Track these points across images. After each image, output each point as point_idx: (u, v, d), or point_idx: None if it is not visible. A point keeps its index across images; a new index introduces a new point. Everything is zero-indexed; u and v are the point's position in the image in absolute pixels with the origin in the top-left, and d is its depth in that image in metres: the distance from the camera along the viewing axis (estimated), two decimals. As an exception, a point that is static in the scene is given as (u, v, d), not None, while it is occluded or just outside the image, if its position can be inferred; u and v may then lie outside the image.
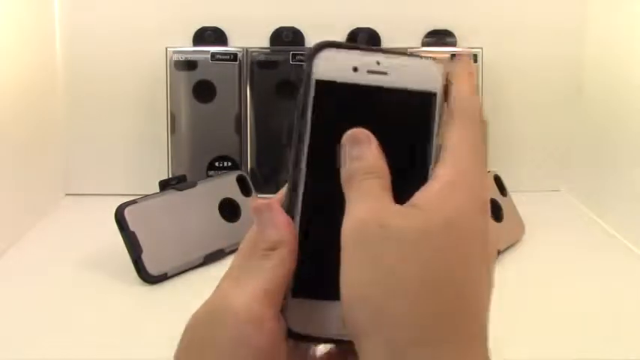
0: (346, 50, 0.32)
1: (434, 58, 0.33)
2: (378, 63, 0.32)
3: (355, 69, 0.32)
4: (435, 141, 0.32)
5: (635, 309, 0.68)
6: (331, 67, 0.32)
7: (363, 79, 0.32)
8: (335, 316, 0.30)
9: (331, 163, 0.31)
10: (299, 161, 0.31)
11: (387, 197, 0.29)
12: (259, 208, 0.31)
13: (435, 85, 0.32)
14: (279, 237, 0.30)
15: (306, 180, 0.31)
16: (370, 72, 0.32)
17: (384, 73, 0.32)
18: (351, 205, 0.29)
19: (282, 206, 0.32)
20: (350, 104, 0.32)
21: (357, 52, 0.32)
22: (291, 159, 0.32)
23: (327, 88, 0.31)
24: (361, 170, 0.30)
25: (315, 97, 0.31)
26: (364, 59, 0.32)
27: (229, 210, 0.82)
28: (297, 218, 0.31)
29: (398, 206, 0.29)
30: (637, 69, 0.84)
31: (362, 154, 0.30)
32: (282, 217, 0.31)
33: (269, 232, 0.30)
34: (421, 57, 0.33)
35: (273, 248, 0.30)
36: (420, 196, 0.29)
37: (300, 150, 0.31)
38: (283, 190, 0.32)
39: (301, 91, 0.32)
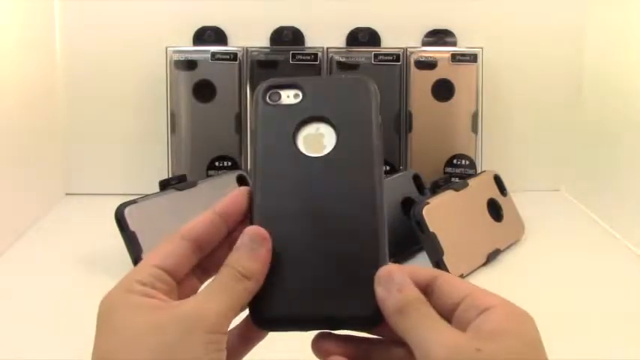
0: None
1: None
2: None
3: None
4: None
5: (635, 309, 0.68)
6: None
7: None
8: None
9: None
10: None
11: (449, 325, 0.32)
12: (256, 236, 0.34)
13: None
14: (256, 271, 0.33)
15: None
16: None
17: None
18: (429, 333, 0.31)
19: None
20: None
21: None
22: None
23: None
24: (412, 299, 0.32)
25: None
26: None
27: (229, 210, 0.82)
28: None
29: (477, 331, 0.31)
30: (636, 70, 0.84)
31: (403, 284, 0.32)
32: (264, 251, 0.33)
33: (250, 263, 0.33)
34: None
35: (247, 277, 0.33)
36: (493, 321, 0.31)
37: None
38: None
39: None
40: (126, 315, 0.31)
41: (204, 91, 0.95)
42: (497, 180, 0.84)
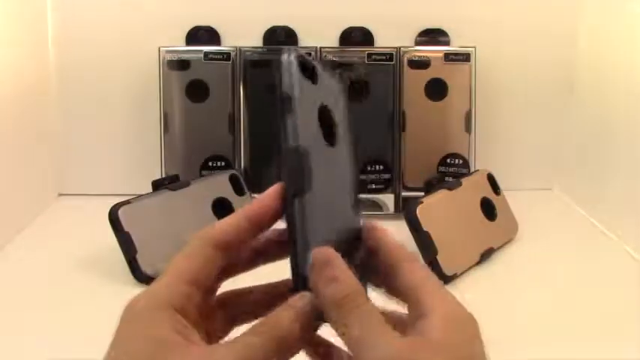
0: None
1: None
2: None
3: None
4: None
5: (627, 307, 0.68)
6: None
7: None
8: None
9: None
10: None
11: (389, 326, 0.30)
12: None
13: None
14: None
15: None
16: None
17: None
18: (367, 337, 0.29)
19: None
20: None
21: None
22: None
23: None
24: (351, 294, 0.30)
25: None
26: None
27: (222, 209, 0.82)
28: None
29: (416, 339, 0.30)
30: (628, 69, 0.85)
31: (337, 276, 0.30)
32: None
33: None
34: None
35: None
36: (433, 329, 0.30)
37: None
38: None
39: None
40: (147, 343, 0.31)
41: (197, 91, 0.95)
42: (491, 179, 0.84)
